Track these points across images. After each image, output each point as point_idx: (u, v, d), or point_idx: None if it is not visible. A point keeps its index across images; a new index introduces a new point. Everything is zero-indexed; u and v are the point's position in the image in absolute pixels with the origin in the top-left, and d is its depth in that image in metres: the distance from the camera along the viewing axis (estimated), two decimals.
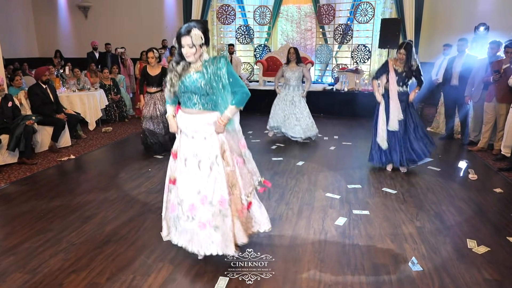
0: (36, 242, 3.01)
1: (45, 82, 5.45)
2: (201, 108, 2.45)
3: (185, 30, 2.30)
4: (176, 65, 2.44)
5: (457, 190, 4.15)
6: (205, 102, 2.44)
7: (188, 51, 2.32)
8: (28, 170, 4.71)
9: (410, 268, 2.69)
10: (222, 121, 2.44)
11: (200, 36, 2.31)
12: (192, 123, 2.50)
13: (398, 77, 4.48)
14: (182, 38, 2.31)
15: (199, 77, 2.38)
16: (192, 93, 2.42)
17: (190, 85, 2.40)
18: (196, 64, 2.43)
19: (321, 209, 3.65)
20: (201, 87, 2.39)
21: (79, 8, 11.49)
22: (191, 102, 2.46)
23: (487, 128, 5.60)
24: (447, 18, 8.79)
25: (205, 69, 2.39)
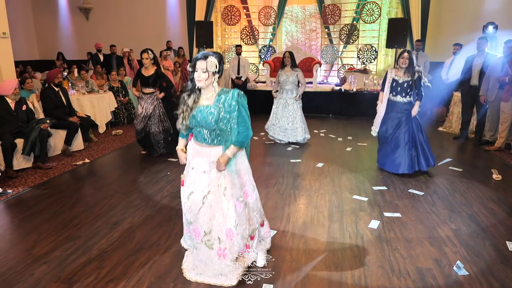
0: (66, 250, 2.91)
1: (57, 85, 5.33)
2: (210, 143, 2.44)
3: (202, 55, 2.33)
4: (188, 98, 2.42)
5: (484, 191, 4.12)
6: (214, 138, 2.43)
7: (201, 75, 2.31)
8: (45, 174, 4.59)
9: (456, 272, 2.64)
10: (222, 160, 2.39)
11: (215, 64, 2.33)
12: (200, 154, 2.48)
13: (400, 87, 4.42)
14: (198, 62, 2.32)
15: (209, 114, 2.35)
16: (202, 127, 2.41)
17: (201, 120, 2.38)
18: (207, 93, 2.40)
19: (351, 212, 3.59)
20: (211, 123, 2.36)
21: (80, 10, 11.35)
22: (202, 136, 2.45)
23: (504, 128, 5.58)
24: (453, 17, 8.80)
25: (216, 107, 2.35)
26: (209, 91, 2.39)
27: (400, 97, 4.45)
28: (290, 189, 4.14)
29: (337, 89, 8.59)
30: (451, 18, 8.83)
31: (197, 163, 2.48)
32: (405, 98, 4.45)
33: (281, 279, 2.55)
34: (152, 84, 5.14)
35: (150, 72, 5.09)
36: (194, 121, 2.40)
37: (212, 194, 2.43)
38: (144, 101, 5.17)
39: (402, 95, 4.44)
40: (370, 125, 7.41)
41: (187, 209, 2.51)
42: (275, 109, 6.03)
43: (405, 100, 4.46)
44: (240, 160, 2.51)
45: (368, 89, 8.41)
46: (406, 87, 4.41)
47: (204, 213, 2.43)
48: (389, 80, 4.45)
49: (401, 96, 4.45)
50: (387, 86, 4.48)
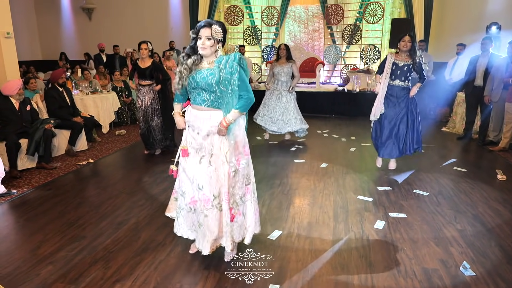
0: (72, 250, 2.91)
1: (61, 85, 5.33)
2: (209, 105, 2.43)
3: (206, 23, 2.32)
4: (187, 58, 2.40)
5: (489, 191, 4.10)
6: (214, 100, 2.41)
7: (205, 42, 2.30)
8: (49, 175, 4.59)
9: (463, 273, 2.63)
10: (224, 124, 2.39)
11: (220, 31, 2.33)
12: (199, 119, 2.47)
13: (400, 71, 4.39)
14: (202, 29, 2.30)
15: (209, 74, 2.35)
16: (202, 89, 2.40)
17: (200, 81, 2.37)
18: (209, 59, 2.40)
19: (356, 212, 3.58)
20: (212, 84, 2.35)
21: (83, 10, 11.37)
22: (200, 98, 2.43)
23: (508, 128, 5.57)
24: (456, 17, 8.77)
25: (217, 69, 2.35)
26: (212, 58, 2.39)
27: (399, 81, 4.42)
28: (295, 189, 4.14)
29: (340, 89, 8.58)
30: (454, 18, 8.81)
31: (198, 128, 2.48)
32: (404, 83, 4.42)
33: (287, 279, 2.54)
34: (149, 76, 5.12)
35: (147, 64, 5.08)
36: (193, 83, 2.38)
37: (216, 156, 2.45)
38: (142, 94, 5.17)
39: (402, 79, 4.41)
40: None
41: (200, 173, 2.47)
42: (266, 100, 6.01)
43: (403, 85, 4.43)
44: (237, 127, 2.49)
45: (371, 89, 8.40)
46: (406, 71, 4.37)
47: (210, 176, 2.44)
48: (389, 64, 4.41)
49: (400, 80, 4.41)
50: (387, 70, 4.43)
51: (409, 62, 4.35)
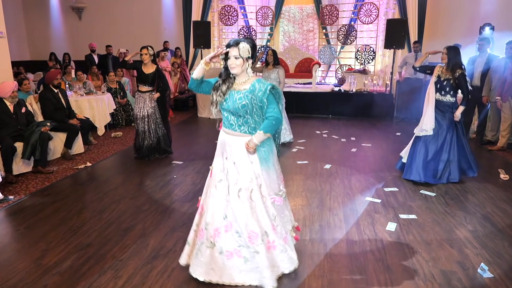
0: (78, 259, 2.79)
1: (56, 86, 5.17)
2: (236, 129, 2.39)
3: (233, 42, 2.29)
4: (222, 84, 2.37)
5: (494, 191, 4.11)
6: (241, 124, 2.37)
7: (234, 62, 2.28)
8: (46, 179, 4.44)
9: (481, 274, 2.61)
10: (248, 147, 2.34)
11: (248, 49, 2.29)
12: (227, 143, 2.44)
13: (440, 84, 4.19)
14: (230, 49, 2.28)
15: (239, 99, 2.30)
16: (230, 113, 2.36)
17: (229, 104, 2.33)
18: (240, 78, 2.35)
19: (366, 214, 3.54)
20: (239, 109, 2.31)
21: (72, 9, 11.12)
22: (228, 122, 2.41)
23: (505, 127, 5.61)
24: (450, 18, 8.84)
25: (249, 95, 2.29)
26: (243, 77, 2.34)
27: (439, 95, 4.19)
28: (301, 192, 4.08)
29: (337, 90, 8.57)
30: (448, 19, 8.88)
31: (227, 152, 2.44)
32: (445, 97, 4.18)
33: (306, 285, 2.48)
34: (151, 82, 5.02)
35: (150, 70, 4.98)
36: (224, 104, 2.36)
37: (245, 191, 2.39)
38: (141, 100, 5.05)
39: (442, 93, 4.18)
40: (371, 125, 7.48)
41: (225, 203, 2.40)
42: None
43: (446, 100, 4.18)
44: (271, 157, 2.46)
45: (368, 90, 8.41)
46: (445, 85, 4.15)
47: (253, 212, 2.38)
48: (435, 74, 4.22)
49: (440, 94, 4.19)
50: (432, 82, 4.23)
51: (449, 77, 4.13)
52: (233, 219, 2.40)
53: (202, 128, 7.53)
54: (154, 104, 5.07)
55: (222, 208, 2.42)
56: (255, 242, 2.37)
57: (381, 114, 8.18)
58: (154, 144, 5.15)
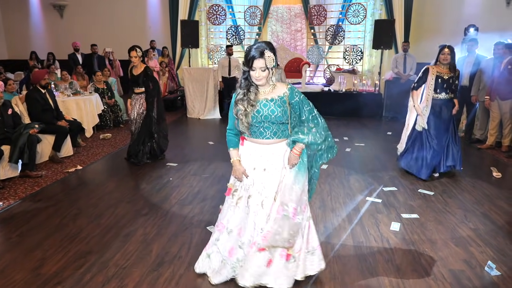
0: (79, 268, 2.67)
1: (44, 86, 4.97)
2: (280, 136, 2.27)
3: (258, 52, 2.11)
4: (248, 93, 2.21)
5: (489, 189, 4.19)
6: (283, 130, 2.26)
7: (261, 74, 2.14)
8: (35, 184, 4.25)
9: (489, 273, 2.63)
10: (297, 151, 2.24)
11: (273, 58, 2.15)
12: (268, 153, 2.29)
13: (445, 83, 4.26)
14: (255, 61, 2.12)
15: (277, 106, 2.20)
16: (271, 123, 2.22)
17: (269, 114, 2.19)
18: (265, 87, 2.23)
19: (369, 215, 3.54)
20: (282, 115, 2.20)
21: (54, 7, 10.78)
22: (271, 132, 2.24)
23: (493, 126, 5.74)
24: (435, 19, 9.01)
25: (280, 97, 2.20)
26: (267, 86, 2.23)
27: (444, 93, 4.29)
28: None
29: (327, 90, 8.60)
30: (433, 20, 9.04)
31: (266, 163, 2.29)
32: (448, 95, 4.30)
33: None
34: (142, 83, 4.86)
35: (139, 71, 4.81)
36: (259, 117, 2.20)
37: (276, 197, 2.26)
38: (136, 101, 4.90)
39: (447, 91, 4.28)
40: (362, 125, 7.53)
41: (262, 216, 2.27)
42: None
43: (448, 97, 4.31)
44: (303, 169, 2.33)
45: (357, 89, 8.47)
46: (451, 83, 4.26)
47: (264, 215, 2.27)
48: (432, 78, 4.28)
49: (445, 93, 4.29)
50: (431, 83, 4.28)
51: (452, 74, 4.27)
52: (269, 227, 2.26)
53: (193, 129, 7.41)
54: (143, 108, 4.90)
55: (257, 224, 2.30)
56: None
57: (370, 113, 8.25)
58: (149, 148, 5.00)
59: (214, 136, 6.64)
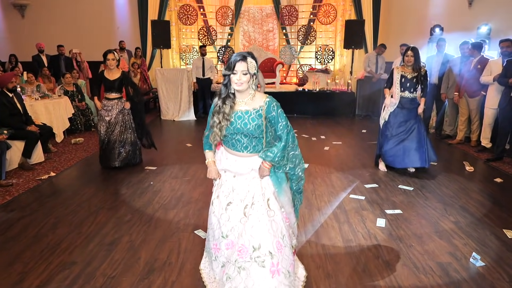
0: (64, 280, 2.53)
1: (11, 90, 4.70)
2: (251, 151, 2.21)
3: (240, 56, 2.09)
4: (223, 105, 2.16)
5: (464, 183, 4.37)
6: (255, 144, 2.20)
7: (242, 78, 2.08)
8: (6, 193, 4.01)
9: (474, 264, 2.73)
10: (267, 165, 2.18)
11: (255, 65, 2.12)
12: (239, 165, 2.24)
13: (409, 83, 4.48)
14: (237, 64, 2.08)
15: (252, 120, 2.14)
16: (243, 135, 2.18)
17: (242, 127, 2.14)
18: (243, 97, 2.16)
19: (355, 212, 3.59)
20: (255, 129, 2.15)
21: (14, 7, 10.21)
22: (242, 145, 2.19)
23: (462, 121, 6.00)
24: (401, 20, 9.30)
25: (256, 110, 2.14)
26: (246, 95, 2.15)
27: (408, 92, 4.50)
28: None
29: (301, 89, 8.68)
30: (400, 21, 9.33)
31: (235, 170, 2.24)
32: (412, 94, 4.52)
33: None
34: (118, 88, 4.72)
35: (116, 76, 4.66)
36: (232, 129, 2.15)
37: (258, 204, 2.18)
38: (110, 108, 4.73)
39: (410, 90, 4.49)
40: (336, 123, 7.67)
41: (225, 221, 2.23)
42: None
43: (412, 96, 4.53)
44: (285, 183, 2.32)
45: (331, 89, 8.61)
46: (415, 82, 4.47)
47: (251, 226, 2.15)
48: (397, 77, 4.49)
49: (409, 91, 4.50)
50: (397, 82, 4.51)
51: (416, 74, 4.45)
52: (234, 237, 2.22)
53: (169, 131, 7.26)
54: (121, 108, 4.75)
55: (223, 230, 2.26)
56: (243, 258, 2.11)
57: (343, 112, 8.41)
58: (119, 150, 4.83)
59: (191, 138, 6.53)
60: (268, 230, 2.11)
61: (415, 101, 4.59)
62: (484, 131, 5.60)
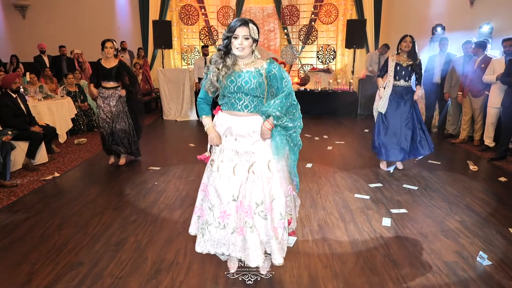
0: (72, 280, 2.53)
1: (15, 91, 4.70)
2: (252, 110, 2.25)
3: (242, 21, 2.14)
4: (225, 57, 2.18)
5: (469, 182, 4.37)
6: (256, 104, 2.25)
7: (243, 42, 2.12)
8: (11, 194, 4.01)
9: (481, 263, 2.73)
10: (268, 126, 2.24)
11: (256, 30, 2.17)
12: (239, 125, 2.28)
13: (404, 71, 4.46)
14: (238, 28, 2.11)
15: (253, 77, 2.18)
16: (244, 94, 2.21)
17: (243, 85, 2.18)
18: (245, 60, 2.22)
19: (360, 211, 3.59)
20: (256, 88, 2.19)
21: (15, 7, 10.23)
22: (242, 104, 2.23)
23: (466, 121, 6.01)
24: (403, 19, 9.31)
25: (257, 70, 2.19)
26: (248, 59, 2.20)
27: (403, 81, 4.47)
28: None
29: (302, 89, 8.69)
30: (401, 20, 9.34)
31: (236, 134, 2.29)
32: (407, 82, 4.51)
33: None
34: (115, 77, 4.67)
35: (113, 64, 4.62)
36: (232, 87, 2.18)
37: (259, 164, 2.26)
38: (106, 97, 4.70)
39: (406, 79, 4.47)
40: (339, 123, 7.67)
41: (235, 182, 2.27)
42: None
43: (407, 84, 4.51)
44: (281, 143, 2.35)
45: (332, 88, 8.61)
46: (410, 71, 4.44)
47: (255, 184, 2.24)
48: (392, 65, 4.46)
49: (404, 80, 4.47)
50: (391, 70, 4.47)
51: (411, 62, 4.43)
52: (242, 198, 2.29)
53: (171, 132, 7.27)
54: (117, 98, 4.73)
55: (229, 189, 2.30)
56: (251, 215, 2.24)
57: (346, 111, 8.42)
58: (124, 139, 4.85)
59: (194, 138, 6.54)
60: (264, 189, 2.24)
61: (410, 90, 4.56)
62: (487, 130, 5.60)
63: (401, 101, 4.56)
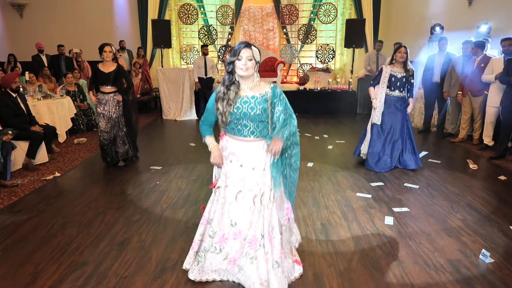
0: (77, 280, 2.53)
1: (15, 90, 4.68)
2: (258, 135, 2.29)
3: (245, 44, 2.20)
4: (227, 91, 2.23)
5: (469, 181, 4.39)
6: (262, 129, 2.29)
7: (247, 63, 2.18)
8: (12, 194, 3.99)
9: (483, 260, 2.75)
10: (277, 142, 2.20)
11: (258, 53, 2.24)
12: (246, 151, 2.31)
13: (399, 82, 4.48)
14: (243, 50, 2.18)
15: (258, 104, 2.22)
16: (250, 120, 2.25)
17: (249, 111, 2.22)
18: (248, 83, 2.25)
19: (362, 210, 3.61)
20: (261, 113, 2.23)
21: (12, 6, 10.16)
22: (248, 130, 2.27)
23: (465, 120, 6.04)
24: (402, 19, 9.34)
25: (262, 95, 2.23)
26: (251, 81, 2.24)
27: (398, 91, 4.52)
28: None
29: (302, 88, 8.70)
30: (400, 20, 9.37)
31: (243, 159, 2.30)
32: (402, 93, 4.54)
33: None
34: (113, 82, 4.65)
35: (111, 68, 4.60)
36: (238, 114, 2.21)
37: (266, 194, 2.28)
38: (105, 102, 4.68)
39: (400, 89, 4.51)
40: (338, 122, 7.69)
41: (236, 208, 2.30)
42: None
43: (401, 95, 4.55)
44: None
45: (332, 88, 8.63)
46: (404, 82, 4.47)
47: (261, 215, 2.26)
48: (386, 76, 4.48)
49: (399, 90, 4.51)
50: (384, 81, 4.50)
51: (405, 73, 4.45)
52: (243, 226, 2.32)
53: (171, 131, 7.26)
54: (115, 104, 4.70)
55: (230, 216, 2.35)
56: (254, 247, 2.28)
57: (345, 111, 8.44)
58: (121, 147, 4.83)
59: (194, 137, 6.53)
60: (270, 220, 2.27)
61: (404, 100, 4.58)
62: (486, 129, 5.63)
63: (396, 111, 4.60)
